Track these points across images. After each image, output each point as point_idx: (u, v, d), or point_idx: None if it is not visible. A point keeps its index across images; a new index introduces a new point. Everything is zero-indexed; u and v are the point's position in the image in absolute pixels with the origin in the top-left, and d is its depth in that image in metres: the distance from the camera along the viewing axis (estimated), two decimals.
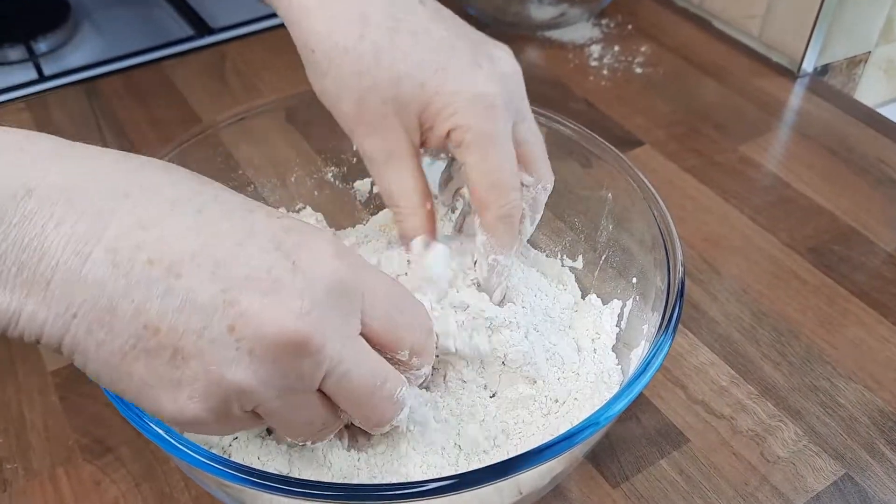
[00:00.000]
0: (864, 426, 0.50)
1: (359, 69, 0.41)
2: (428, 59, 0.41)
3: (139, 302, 0.28)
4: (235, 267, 0.29)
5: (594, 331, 0.47)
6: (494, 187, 0.41)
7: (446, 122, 0.41)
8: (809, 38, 0.77)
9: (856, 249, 0.62)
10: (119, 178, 0.29)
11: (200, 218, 0.30)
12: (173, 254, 0.28)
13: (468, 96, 0.40)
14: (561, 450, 0.34)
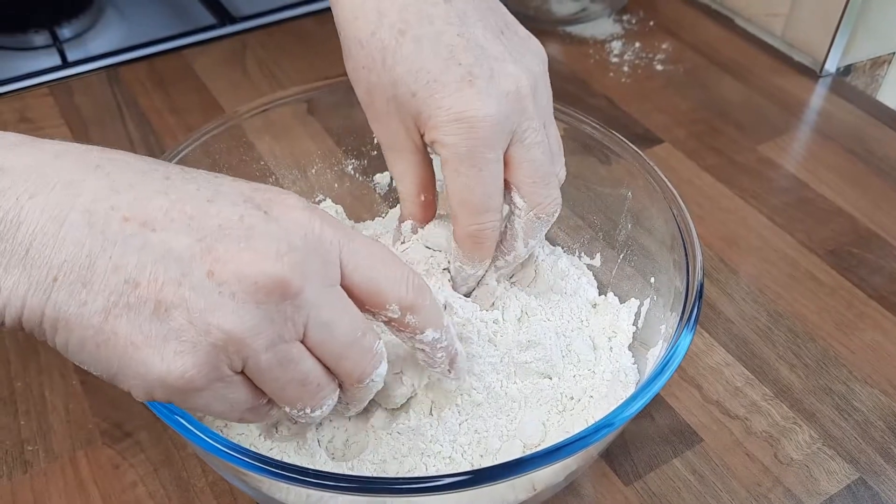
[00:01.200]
0: (879, 430, 0.50)
1: (367, 64, 0.42)
2: (425, 68, 0.40)
3: (117, 257, 0.29)
4: (208, 219, 0.30)
5: (611, 329, 0.47)
6: (463, 205, 0.41)
7: (430, 134, 0.41)
8: (833, 38, 0.77)
9: (875, 252, 0.62)
10: (87, 156, 0.30)
11: (168, 182, 0.31)
12: (147, 211, 0.29)
13: (451, 113, 0.40)
14: (576, 449, 0.35)
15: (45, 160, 0.29)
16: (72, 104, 0.73)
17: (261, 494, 0.40)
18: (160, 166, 0.32)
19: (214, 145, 0.50)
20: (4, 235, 0.28)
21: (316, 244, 0.32)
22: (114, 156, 0.31)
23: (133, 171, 0.30)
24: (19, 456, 0.48)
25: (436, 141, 0.41)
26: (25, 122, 0.71)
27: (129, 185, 0.30)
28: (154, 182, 0.30)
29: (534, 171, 0.42)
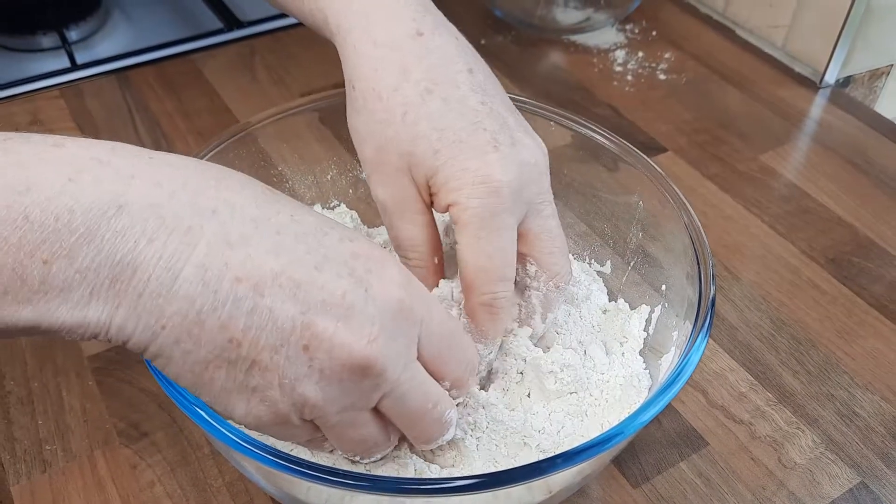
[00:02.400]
0: (881, 436, 0.51)
1: (386, 118, 0.42)
2: (451, 127, 0.41)
3: (226, 317, 0.30)
4: (313, 290, 0.31)
5: (622, 334, 0.48)
6: (480, 272, 0.41)
7: (448, 196, 0.41)
8: (833, 50, 0.78)
9: (874, 261, 0.63)
10: (203, 192, 0.31)
11: (279, 240, 0.31)
12: (258, 274, 0.30)
13: (474, 177, 0.40)
14: (593, 454, 0.35)
15: (161, 199, 0.29)
16: (83, 107, 0.74)
17: (280, 492, 0.41)
18: (272, 213, 0.32)
19: (231, 153, 0.51)
20: (120, 277, 0.29)
21: (402, 323, 0.33)
22: (228, 196, 0.31)
23: (247, 219, 0.31)
24: (38, 455, 0.48)
25: (455, 203, 0.40)
26: (37, 124, 0.72)
27: (242, 238, 0.30)
28: (266, 238, 0.31)
29: (552, 240, 0.43)
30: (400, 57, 0.42)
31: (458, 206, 0.40)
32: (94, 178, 0.29)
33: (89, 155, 0.29)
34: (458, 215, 0.40)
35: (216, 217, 0.30)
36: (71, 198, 0.28)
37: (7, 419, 0.50)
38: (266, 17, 0.87)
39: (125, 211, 0.29)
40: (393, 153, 0.42)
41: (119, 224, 0.28)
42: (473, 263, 0.41)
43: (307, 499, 0.40)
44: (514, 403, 0.44)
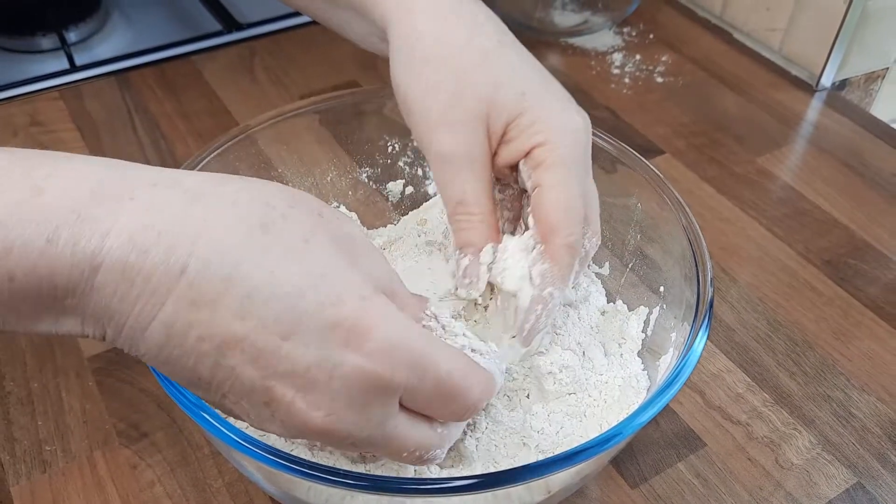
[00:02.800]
0: (877, 437, 0.51)
1: (463, 67, 0.42)
2: (530, 75, 0.42)
3: (191, 365, 0.31)
4: (274, 360, 0.31)
5: (620, 335, 0.48)
6: (568, 212, 0.40)
7: (533, 138, 0.41)
8: (829, 53, 0.79)
9: (870, 263, 0.63)
10: (178, 246, 0.30)
11: (248, 303, 0.30)
12: (221, 336, 0.30)
13: (562, 120, 0.41)
14: (592, 454, 0.36)
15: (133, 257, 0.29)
16: (82, 108, 0.74)
17: (280, 491, 0.41)
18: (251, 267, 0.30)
19: (230, 156, 0.51)
20: (101, 317, 0.30)
21: (376, 397, 0.32)
22: (203, 250, 0.30)
23: (218, 280, 0.30)
24: (38, 456, 0.48)
25: (544, 143, 0.41)
26: (36, 126, 0.72)
27: (209, 301, 0.30)
28: (235, 300, 0.30)
29: (595, 201, 0.45)
30: (470, 11, 0.43)
31: (546, 146, 0.41)
32: (72, 237, 0.29)
33: (69, 207, 0.29)
34: (546, 155, 0.41)
35: (184, 277, 0.29)
36: (50, 261, 0.29)
37: (7, 419, 0.50)
38: (265, 19, 0.87)
39: (100, 271, 0.29)
40: (471, 98, 0.41)
41: (95, 282, 0.29)
42: (563, 204, 0.40)
43: (308, 499, 0.40)
44: (513, 404, 0.44)
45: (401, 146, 0.58)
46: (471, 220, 0.42)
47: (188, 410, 0.36)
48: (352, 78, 0.79)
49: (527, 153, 0.42)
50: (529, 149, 0.41)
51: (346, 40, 0.55)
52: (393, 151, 0.58)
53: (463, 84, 0.41)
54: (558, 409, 0.43)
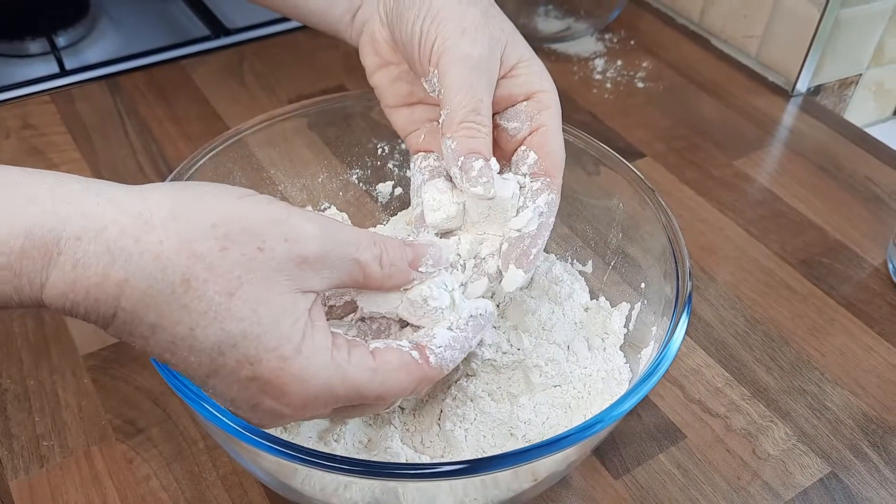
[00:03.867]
0: (849, 428, 0.53)
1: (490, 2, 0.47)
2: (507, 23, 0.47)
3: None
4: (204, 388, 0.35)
5: (603, 331, 0.50)
6: (563, 152, 0.46)
7: (540, 83, 0.46)
8: (804, 60, 0.81)
9: (843, 263, 0.66)
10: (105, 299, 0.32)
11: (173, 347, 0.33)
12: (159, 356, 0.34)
13: (545, 69, 0.47)
14: (575, 441, 0.37)
15: (137, 302, 0.32)
16: (74, 112, 0.75)
17: (275, 480, 0.43)
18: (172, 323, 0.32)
19: (223, 156, 0.52)
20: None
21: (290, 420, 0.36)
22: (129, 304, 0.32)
23: (146, 325, 0.32)
24: (35, 451, 0.49)
25: (548, 91, 0.46)
26: (28, 129, 0.73)
27: (142, 336, 0.32)
28: (162, 342, 0.32)
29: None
30: None
31: (549, 92, 0.46)
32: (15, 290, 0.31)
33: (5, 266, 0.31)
34: (550, 101, 0.46)
35: (116, 320, 0.32)
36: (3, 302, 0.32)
37: (4, 416, 0.51)
38: (253, 24, 0.88)
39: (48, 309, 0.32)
40: (496, 27, 0.45)
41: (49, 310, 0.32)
42: (560, 141, 0.46)
43: (302, 488, 0.41)
44: (500, 396, 0.45)
45: (389, 149, 0.60)
46: (481, 131, 0.43)
47: (190, 401, 0.37)
48: (339, 82, 0.80)
49: (530, 96, 0.46)
50: (535, 92, 0.46)
51: (332, 46, 0.56)
52: (382, 154, 0.60)
53: (491, 14, 0.46)
54: (544, 401, 0.45)
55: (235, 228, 0.33)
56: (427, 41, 0.45)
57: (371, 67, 0.51)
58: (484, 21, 0.44)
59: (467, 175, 0.43)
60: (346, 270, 0.35)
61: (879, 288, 0.63)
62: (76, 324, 0.57)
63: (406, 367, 0.37)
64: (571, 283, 0.53)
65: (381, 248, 0.37)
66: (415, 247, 0.39)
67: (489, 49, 0.44)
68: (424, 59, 0.45)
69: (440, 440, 0.44)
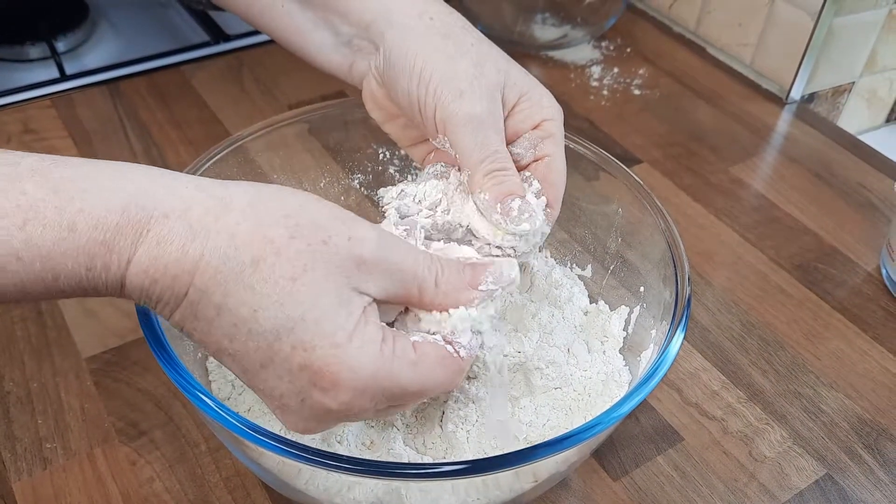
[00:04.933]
0: (844, 431, 0.54)
1: (479, 39, 0.47)
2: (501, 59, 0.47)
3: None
4: (256, 380, 0.35)
5: (602, 334, 0.51)
6: (562, 176, 0.47)
7: (544, 111, 0.46)
8: (798, 68, 0.82)
9: (838, 268, 0.66)
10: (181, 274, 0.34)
11: (234, 331, 0.34)
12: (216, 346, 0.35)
13: (550, 98, 0.47)
14: (576, 442, 0.38)
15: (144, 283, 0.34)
16: (74, 116, 0.75)
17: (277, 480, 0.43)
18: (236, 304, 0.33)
19: (225, 162, 0.53)
20: None
21: (340, 420, 0.37)
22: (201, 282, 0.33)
23: (212, 306, 0.34)
24: (38, 453, 0.50)
25: (552, 118, 0.46)
26: (30, 133, 0.73)
27: (207, 319, 0.34)
28: (224, 326, 0.34)
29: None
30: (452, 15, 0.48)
31: (554, 120, 0.46)
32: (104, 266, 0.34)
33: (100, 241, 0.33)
34: (554, 129, 0.46)
35: (186, 300, 0.34)
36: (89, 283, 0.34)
37: (7, 418, 0.51)
38: (252, 31, 0.89)
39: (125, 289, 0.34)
40: (491, 68, 0.45)
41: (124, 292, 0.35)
42: (563, 169, 0.47)
43: (306, 488, 0.42)
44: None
45: (390, 154, 0.60)
46: (507, 174, 0.44)
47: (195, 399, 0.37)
48: (338, 88, 0.81)
49: (535, 126, 0.46)
50: (541, 121, 0.46)
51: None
52: (383, 159, 0.60)
53: (482, 56, 0.46)
54: (545, 403, 0.46)
55: (305, 220, 0.35)
56: (427, 109, 0.45)
57: (379, 120, 0.52)
58: (478, 72, 0.45)
59: (510, 217, 0.43)
60: (402, 283, 0.37)
61: (873, 293, 0.64)
62: (78, 327, 0.57)
63: (444, 360, 0.37)
64: (571, 287, 0.53)
65: (438, 267, 0.38)
66: (474, 267, 0.40)
67: (490, 101, 0.45)
68: (429, 124, 0.46)
69: (442, 442, 0.45)
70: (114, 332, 0.57)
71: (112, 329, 0.57)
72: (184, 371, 0.38)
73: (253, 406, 0.47)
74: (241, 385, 0.47)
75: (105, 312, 0.58)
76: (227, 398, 0.47)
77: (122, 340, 0.56)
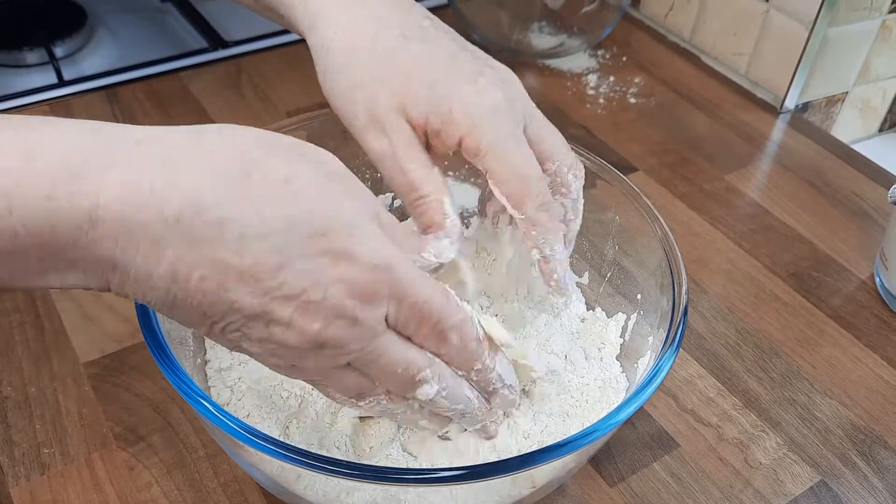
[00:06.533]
0: (839, 438, 0.55)
1: (372, 66, 0.43)
2: (437, 63, 0.43)
3: (195, 304, 0.33)
4: (273, 287, 0.33)
5: (599, 341, 0.51)
6: (526, 180, 0.43)
7: (458, 129, 0.42)
8: (792, 77, 0.83)
9: (832, 276, 0.67)
10: (171, 195, 0.31)
11: (243, 241, 0.32)
12: (222, 272, 0.32)
13: (476, 102, 0.42)
14: (573, 448, 0.38)
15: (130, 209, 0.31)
16: None
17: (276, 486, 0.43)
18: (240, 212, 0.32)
19: None
20: (104, 269, 0.32)
21: (365, 310, 0.35)
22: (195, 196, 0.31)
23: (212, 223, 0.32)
24: (36, 458, 0.50)
25: (469, 133, 0.42)
26: None
27: (207, 240, 0.32)
28: (231, 240, 0.32)
29: (555, 137, 0.46)
30: (371, 11, 0.45)
31: (473, 134, 0.42)
32: (68, 193, 0.30)
33: (62, 168, 0.30)
34: (479, 141, 0.42)
35: (179, 224, 0.32)
36: (50, 216, 0.30)
37: (5, 423, 0.51)
38: (250, 37, 0.89)
39: (99, 225, 0.31)
40: (386, 95, 0.43)
41: (95, 234, 0.31)
42: (516, 174, 0.43)
43: (304, 493, 0.42)
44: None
45: None
46: (426, 201, 0.43)
47: (195, 403, 0.38)
48: None
49: (459, 143, 0.43)
50: (459, 138, 0.43)
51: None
52: None
53: (376, 86, 0.43)
54: (543, 410, 0.46)
55: (269, 141, 0.35)
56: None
57: None
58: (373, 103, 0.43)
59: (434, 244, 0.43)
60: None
61: (866, 301, 0.65)
62: (77, 331, 0.57)
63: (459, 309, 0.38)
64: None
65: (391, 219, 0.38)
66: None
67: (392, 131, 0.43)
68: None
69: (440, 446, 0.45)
70: (112, 337, 0.57)
71: (110, 334, 0.57)
72: (183, 374, 0.39)
73: (252, 412, 0.47)
74: (241, 390, 0.48)
75: (104, 317, 0.58)
76: (227, 403, 0.47)
77: (120, 345, 0.56)
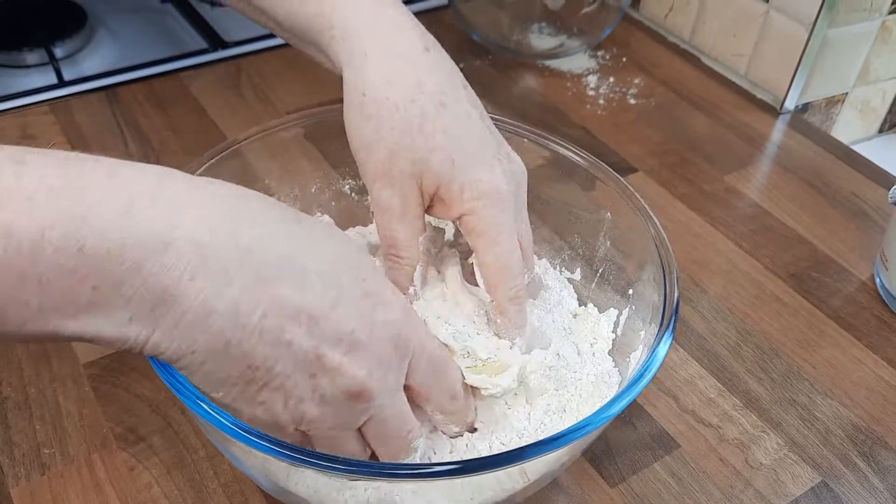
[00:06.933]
0: (839, 438, 0.55)
1: (402, 127, 0.44)
2: (462, 143, 0.45)
3: (249, 348, 0.33)
4: (328, 327, 0.35)
5: (592, 336, 0.51)
6: (504, 270, 0.45)
7: (463, 205, 0.45)
8: (792, 78, 0.83)
9: (832, 277, 0.67)
10: (242, 229, 0.33)
11: (304, 278, 0.35)
12: (283, 310, 0.34)
13: (487, 188, 0.44)
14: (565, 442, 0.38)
15: (204, 237, 0.32)
16: (73, 122, 0.75)
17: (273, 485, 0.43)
18: (299, 249, 0.35)
19: (220, 166, 0.53)
20: (160, 306, 0.31)
21: (397, 356, 0.38)
22: (262, 232, 0.34)
23: (277, 258, 0.34)
24: (36, 458, 0.50)
25: (472, 213, 0.44)
26: (28, 139, 0.73)
27: (273, 277, 0.33)
28: (294, 277, 0.34)
29: (529, 241, 0.49)
30: (414, 70, 0.45)
31: (474, 215, 0.45)
32: (145, 214, 0.30)
33: (141, 188, 0.31)
34: (475, 224, 0.45)
35: (251, 256, 0.33)
36: (123, 232, 0.30)
37: (5, 424, 0.51)
38: (250, 38, 0.89)
39: (171, 248, 0.31)
40: (406, 160, 0.44)
41: (165, 260, 0.31)
42: (497, 264, 0.45)
43: (297, 490, 0.42)
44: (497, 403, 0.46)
45: None
46: (400, 263, 0.46)
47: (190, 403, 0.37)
48: (335, 95, 0.80)
49: (458, 217, 0.46)
50: (460, 215, 0.45)
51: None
52: None
53: (400, 146, 0.44)
54: (537, 405, 0.46)
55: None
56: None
57: None
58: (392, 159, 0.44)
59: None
60: None
61: (867, 302, 0.65)
62: None
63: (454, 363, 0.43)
64: (560, 290, 0.54)
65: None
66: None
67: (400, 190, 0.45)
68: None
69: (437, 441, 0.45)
70: None
71: None
72: (173, 370, 0.38)
73: None
74: None
75: None
76: None
77: None
